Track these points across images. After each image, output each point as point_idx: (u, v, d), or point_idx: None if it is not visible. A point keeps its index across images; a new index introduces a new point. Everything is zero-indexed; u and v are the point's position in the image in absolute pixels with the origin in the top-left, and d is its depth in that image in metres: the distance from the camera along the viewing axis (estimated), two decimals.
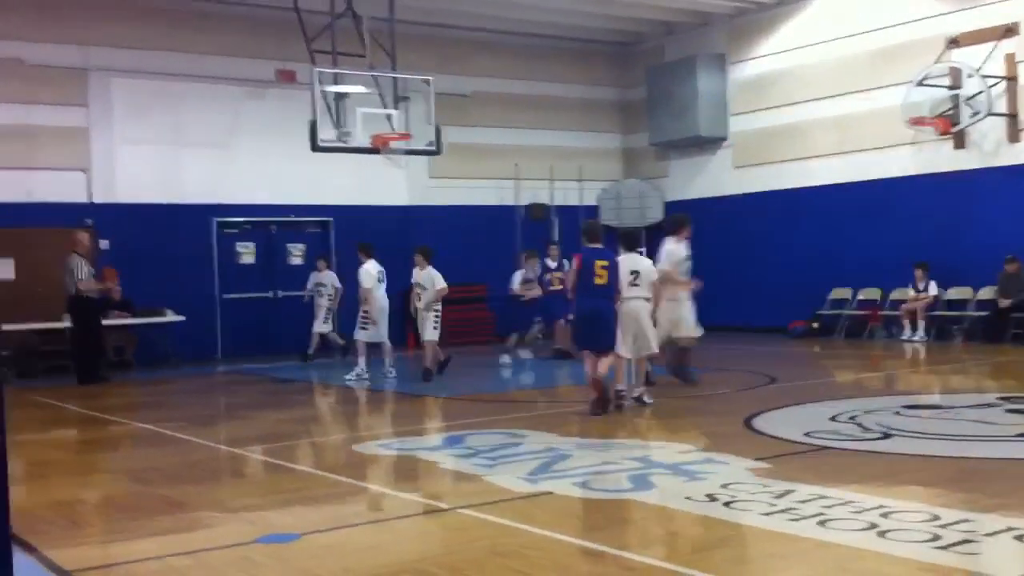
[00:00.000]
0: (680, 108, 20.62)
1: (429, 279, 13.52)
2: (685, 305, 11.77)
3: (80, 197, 17.03)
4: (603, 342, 9.88)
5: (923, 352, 15.70)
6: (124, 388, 14.55)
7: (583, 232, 10.84)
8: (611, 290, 9.92)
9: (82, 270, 14.33)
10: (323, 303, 16.85)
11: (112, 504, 7.06)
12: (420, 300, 13.60)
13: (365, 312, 13.86)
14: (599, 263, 9.85)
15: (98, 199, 17.17)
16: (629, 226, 19.85)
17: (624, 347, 10.14)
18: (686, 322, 11.71)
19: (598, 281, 9.80)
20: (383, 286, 14.01)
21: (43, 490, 7.46)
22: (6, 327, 15.25)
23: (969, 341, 16.25)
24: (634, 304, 10.18)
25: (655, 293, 10.43)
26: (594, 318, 9.85)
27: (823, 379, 13.01)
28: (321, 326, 16.90)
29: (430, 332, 13.53)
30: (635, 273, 10.24)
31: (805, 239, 19.10)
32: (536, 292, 16.17)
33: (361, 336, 13.94)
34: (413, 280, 13.81)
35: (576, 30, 21.13)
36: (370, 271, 13.87)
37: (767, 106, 19.84)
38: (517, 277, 16.55)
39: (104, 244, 16.98)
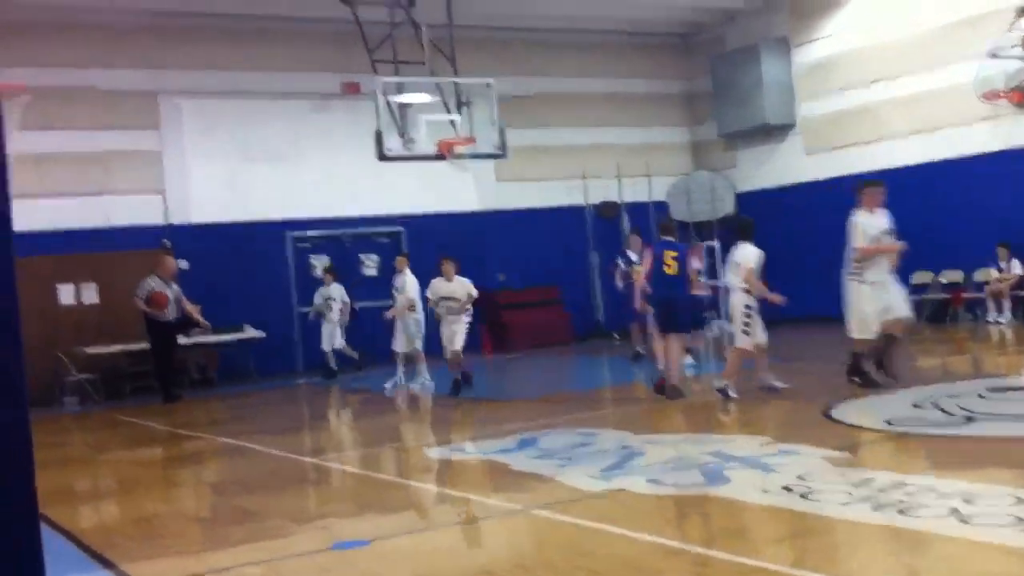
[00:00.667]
0: (745, 96, 20.33)
1: (463, 288, 13.15)
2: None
3: (156, 219, 17.38)
4: (677, 325, 10.78)
5: (1009, 333, 15.23)
6: (206, 404, 14.81)
7: (658, 227, 11.79)
8: (682, 279, 10.92)
9: (143, 289, 14.72)
10: (334, 318, 16.50)
11: (189, 517, 7.16)
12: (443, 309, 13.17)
13: (417, 321, 13.80)
14: (669, 254, 10.82)
15: (174, 220, 17.50)
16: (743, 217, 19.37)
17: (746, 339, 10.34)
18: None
19: (668, 271, 10.76)
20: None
21: (123, 506, 7.61)
22: (91, 350, 15.61)
23: None
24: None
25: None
26: (668, 304, 10.83)
27: (906, 364, 12.68)
28: (339, 341, 16.57)
29: (460, 341, 13.13)
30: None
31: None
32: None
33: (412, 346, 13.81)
34: (436, 291, 13.21)
35: (636, 24, 20.98)
36: (415, 281, 13.84)
37: (836, 88, 19.45)
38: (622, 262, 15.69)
39: (183, 264, 17.30)
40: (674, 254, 10.87)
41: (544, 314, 19.82)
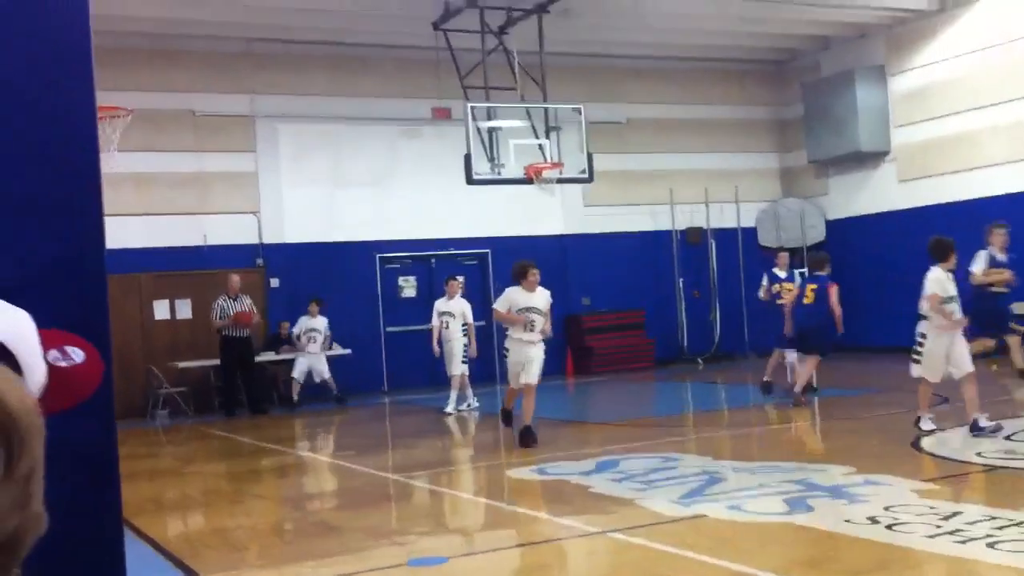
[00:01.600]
0: (839, 123, 20.04)
1: (460, 309, 14.06)
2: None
3: (251, 239, 17.76)
4: (811, 348, 12.61)
5: None
6: (293, 420, 15.05)
7: (810, 262, 13.86)
8: (818, 308, 12.29)
9: (216, 311, 15.57)
10: (314, 349, 16.33)
11: (270, 529, 7.28)
12: (448, 328, 14.06)
13: (465, 346, 14.02)
14: (810, 287, 12.57)
15: (267, 240, 17.87)
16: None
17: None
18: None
19: (806, 300, 12.48)
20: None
21: (208, 517, 7.76)
22: (182, 364, 16.00)
23: None
24: None
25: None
26: (804, 330, 12.50)
27: (999, 397, 12.32)
28: (325, 371, 16.37)
29: (458, 365, 14.00)
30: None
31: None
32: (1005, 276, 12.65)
33: (464, 369, 14.07)
34: (444, 310, 14.27)
35: (729, 50, 20.86)
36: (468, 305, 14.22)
37: (932, 116, 19.05)
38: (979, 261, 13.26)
39: (274, 283, 17.66)
40: (814, 287, 12.48)
41: (627, 338, 19.73)
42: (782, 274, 14.97)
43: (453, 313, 14.11)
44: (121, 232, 14.61)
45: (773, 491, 7.03)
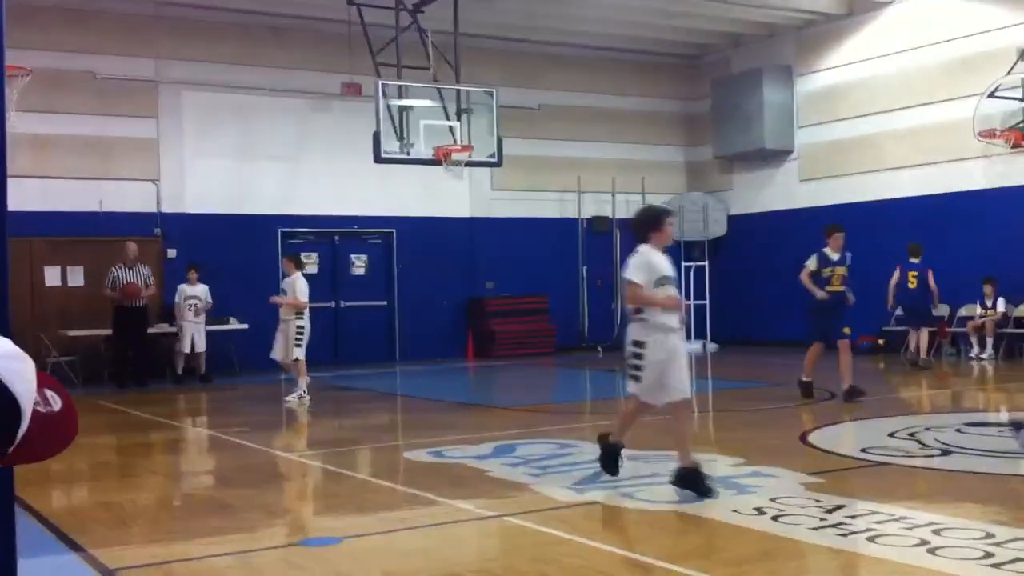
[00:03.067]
0: (745, 120, 20.42)
1: (292, 286, 12.84)
2: None
3: (150, 207, 17.36)
4: (922, 322, 15.55)
5: (990, 370, 15.29)
6: (187, 394, 14.79)
7: (907, 249, 15.94)
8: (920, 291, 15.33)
9: (109, 280, 15.29)
10: (192, 318, 15.93)
11: (161, 505, 7.16)
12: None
13: (300, 328, 12.80)
14: (911, 273, 15.29)
15: (167, 209, 17.50)
16: None
17: None
18: None
19: (911, 285, 15.43)
20: None
21: (96, 491, 7.60)
22: (72, 333, 15.60)
23: None
24: None
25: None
26: (911, 309, 15.67)
27: (886, 395, 12.74)
28: (200, 344, 16.01)
29: (293, 349, 12.74)
30: None
31: (873, 253, 18.73)
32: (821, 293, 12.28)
33: (301, 354, 12.76)
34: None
35: (643, 43, 21.05)
36: (306, 284, 13.04)
37: (835, 118, 19.55)
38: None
39: (171, 253, 17.30)
40: (915, 273, 15.27)
41: (530, 324, 19.86)
42: (835, 256, 12.54)
43: (285, 291, 13.04)
44: (16, 195, 14.10)
45: (664, 480, 7.15)
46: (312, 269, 18.72)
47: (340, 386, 15.19)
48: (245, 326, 16.98)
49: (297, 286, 12.79)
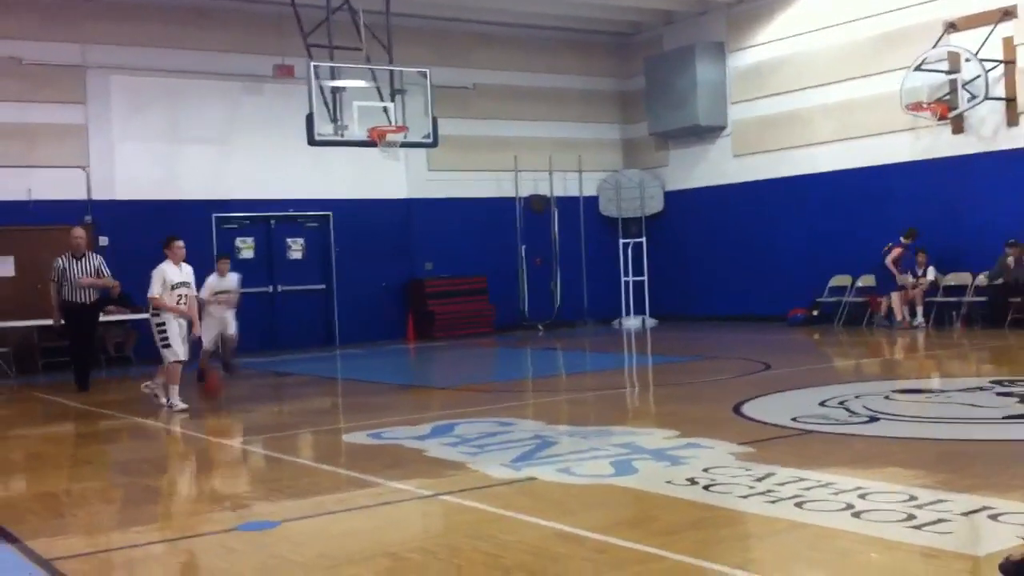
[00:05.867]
0: (679, 97, 20.59)
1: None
2: None
3: (79, 194, 17.09)
4: None
5: (920, 338, 15.66)
6: (121, 383, 14.61)
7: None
8: None
9: (54, 272, 13.11)
10: (221, 311, 13.81)
11: (97, 495, 7.10)
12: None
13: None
14: None
15: (97, 196, 17.23)
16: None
17: None
18: None
19: None
20: None
21: (32, 482, 7.52)
22: (4, 324, 15.33)
23: (967, 326, 16.21)
24: None
25: None
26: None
27: (818, 365, 13.00)
28: (233, 331, 13.98)
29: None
30: None
31: (805, 226, 19.08)
32: None
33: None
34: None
35: (575, 21, 21.11)
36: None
37: (766, 94, 19.79)
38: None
39: (103, 241, 17.04)
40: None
41: (469, 304, 19.92)
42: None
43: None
44: None
45: (601, 454, 7.27)
46: (248, 254, 18.60)
47: (278, 371, 15.12)
48: None
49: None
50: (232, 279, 13.59)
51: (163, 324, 10.97)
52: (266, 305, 18.54)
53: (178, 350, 10.95)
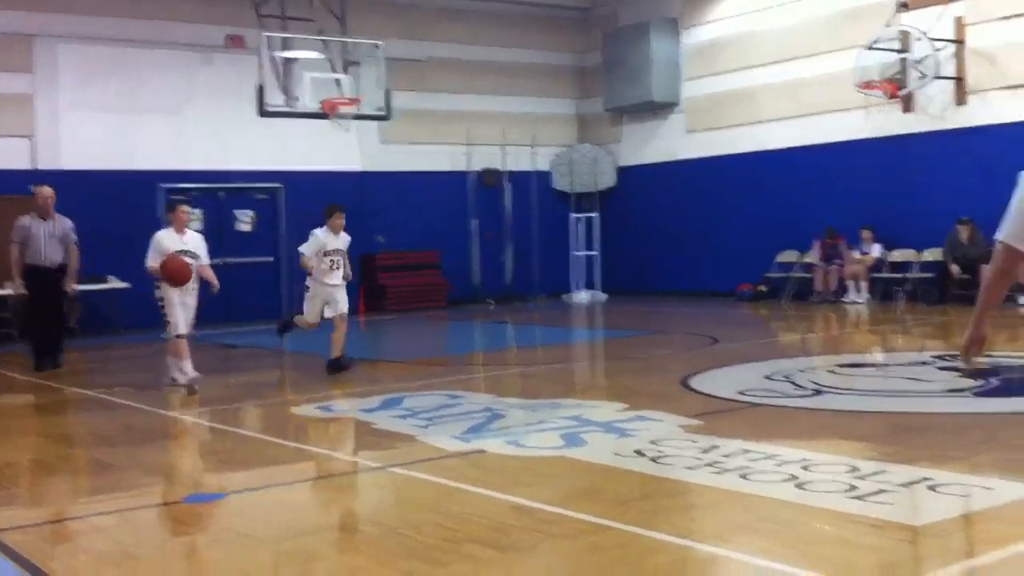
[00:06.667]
0: (633, 73, 20.62)
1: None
2: None
3: (23, 164, 16.79)
4: None
5: (865, 313, 15.88)
6: (67, 355, 14.40)
7: None
8: None
9: (18, 234, 11.94)
10: (333, 278, 13.02)
11: (42, 467, 7.03)
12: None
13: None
14: None
15: (42, 166, 16.93)
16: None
17: None
18: None
19: None
20: None
21: None
22: None
23: (912, 302, 16.46)
24: None
25: None
26: None
27: (765, 340, 13.16)
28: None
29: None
30: None
31: (756, 203, 19.23)
32: None
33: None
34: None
35: None
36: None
37: (720, 71, 19.87)
38: None
39: None
40: None
41: (421, 278, 19.88)
42: None
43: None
44: None
45: (551, 427, 7.31)
46: (197, 225, 18.37)
47: (227, 344, 15.02)
48: (127, 285, 16.59)
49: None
50: (344, 239, 11.29)
51: (163, 298, 10.17)
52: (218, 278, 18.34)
53: (179, 323, 10.09)
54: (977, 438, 6.51)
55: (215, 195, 18.62)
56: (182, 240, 10.44)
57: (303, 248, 11.05)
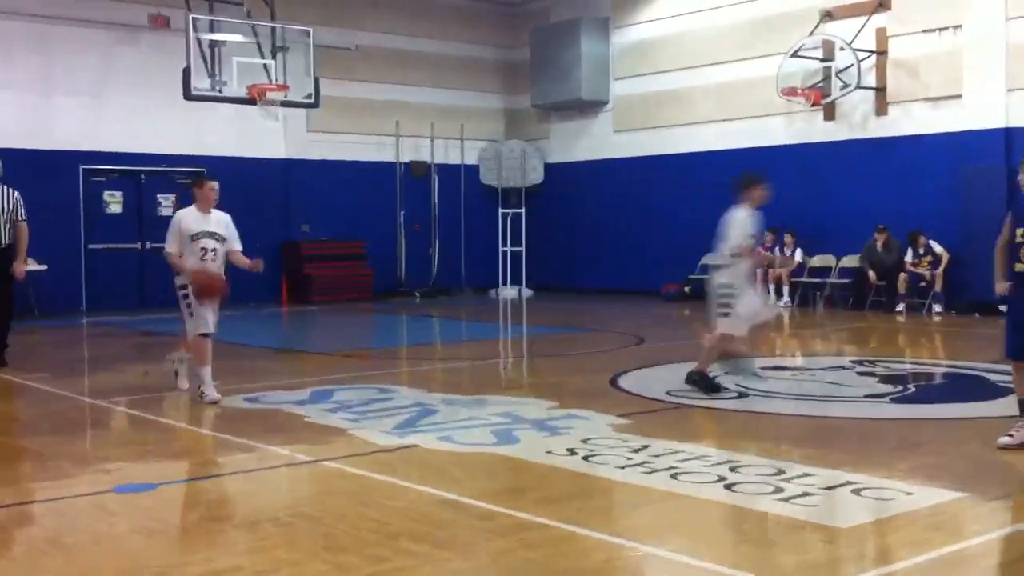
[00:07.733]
0: (563, 70, 20.73)
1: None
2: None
3: None
4: None
5: (786, 317, 16.21)
6: None
7: None
8: None
9: None
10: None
11: None
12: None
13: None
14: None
15: None
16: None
17: None
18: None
19: None
20: None
21: None
22: None
23: (830, 307, 16.85)
24: None
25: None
26: None
27: (689, 341, 13.33)
28: None
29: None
30: None
31: (681, 204, 19.47)
32: None
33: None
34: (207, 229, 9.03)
35: None
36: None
37: (649, 71, 20.08)
38: None
39: None
40: None
41: (346, 268, 19.75)
42: None
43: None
44: None
45: (482, 423, 7.36)
46: (116, 209, 18.08)
47: (148, 331, 14.76)
48: (44, 267, 16.19)
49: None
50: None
51: (186, 287, 8.63)
52: (135, 262, 18.04)
53: (205, 320, 8.58)
54: (896, 443, 6.71)
55: (136, 178, 18.27)
56: (206, 220, 8.92)
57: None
